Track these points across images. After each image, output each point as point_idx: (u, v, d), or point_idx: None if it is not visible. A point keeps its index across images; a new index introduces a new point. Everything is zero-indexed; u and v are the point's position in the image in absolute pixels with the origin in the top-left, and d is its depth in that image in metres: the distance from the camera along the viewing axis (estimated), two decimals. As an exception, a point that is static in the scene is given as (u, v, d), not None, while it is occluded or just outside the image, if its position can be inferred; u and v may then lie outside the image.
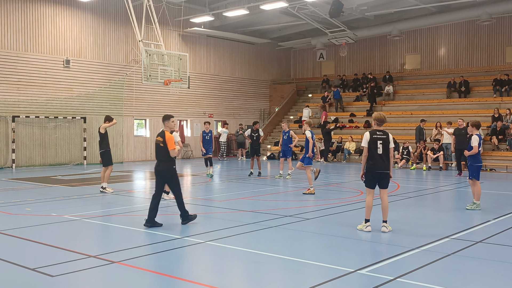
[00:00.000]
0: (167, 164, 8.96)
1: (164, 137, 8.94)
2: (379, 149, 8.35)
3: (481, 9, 26.01)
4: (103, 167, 13.52)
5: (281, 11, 26.45)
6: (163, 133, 9.01)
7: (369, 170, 8.44)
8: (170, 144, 8.87)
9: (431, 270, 6.26)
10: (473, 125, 10.95)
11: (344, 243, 7.76)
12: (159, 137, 9.04)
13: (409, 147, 22.21)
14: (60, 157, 23.45)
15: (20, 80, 22.15)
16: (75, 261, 6.68)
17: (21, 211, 10.45)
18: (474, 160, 10.77)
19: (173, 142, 8.93)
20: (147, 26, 24.57)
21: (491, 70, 28.13)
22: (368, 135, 8.42)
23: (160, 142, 8.96)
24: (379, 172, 8.40)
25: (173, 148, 8.88)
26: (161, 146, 8.94)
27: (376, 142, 8.37)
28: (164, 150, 8.90)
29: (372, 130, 8.54)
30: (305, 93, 34.96)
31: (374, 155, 8.37)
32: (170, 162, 8.97)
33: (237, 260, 6.91)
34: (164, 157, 8.95)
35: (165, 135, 8.95)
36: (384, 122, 8.63)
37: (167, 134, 8.97)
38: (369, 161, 8.42)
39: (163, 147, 8.90)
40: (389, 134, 8.55)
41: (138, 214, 10.57)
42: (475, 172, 10.77)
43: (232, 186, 15.75)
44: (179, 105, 28.59)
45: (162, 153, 8.96)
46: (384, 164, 8.39)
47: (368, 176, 8.47)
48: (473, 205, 10.72)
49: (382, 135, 8.43)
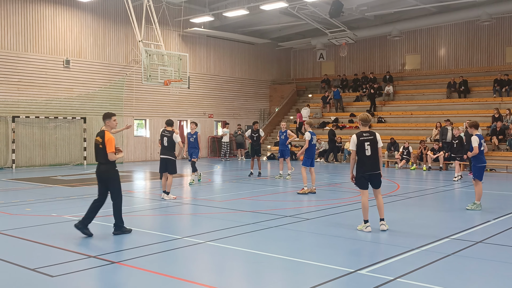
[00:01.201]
0: (107, 166, 8.14)
1: (104, 137, 8.05)
2: (367, 151, 8.34)
3: (481, 9, 26.01)
4: None
5: (281, 11, 26.46)
6: (103, 133, 8.10)
7: (358, 173, 8.45)
8: (109, 146, 7.98)
9: (431, 271, 6.26)
10: (471, 126, 10.95)
11: (344, 243, 7.76)
12: (98, 137, 8.14)
13: (409, 147, 22.20)
14: (60, 157, 23.45)
15: (20, 81, 22.16)
16: (75, 261, 6.68)
17: (21, 212, 10.45)
18: (477, 160, 10.76)
19: (113, 144, 8.03)
20: (147, 26, 24.58)
21: (491, 70, 28.13)
22: (355, 138, 8.38)
23: (99, 143, 8.09)
24: (368, 174, 8.40)
25: (112, 151, 7.99)
26: (100, 148, 8.08)
27: (364, 144, 8.35)
28: (103, 151, 8.06)
29: (359, 132, 8.48)
30: (305, 93, 34.96)
31: (363, 158, 8.36)
32: (111, 164, 8.16)
33: (237, 260, 6.91)
34: (103, 159, 8.11)
35: (105, 136, 8.05)
36: (369, 122, 8.58)
37: (107, 135, 8.07)
38: (358, 163, 8.43)
39: (102, 149, 8.04)
40: (376, 134, 8.49)
41: (138, 215, 10.58)
42: (477, 172, 10.76)
43: (232, 186, 15.76)
44: (179, 105, 28.60)
45: (101, 154, 8.12)
46: (373, 165, 8.37)
47: (359, 178, 8.48)
48: (473, 205, 10.73)
49: (369, 136, 8.40)
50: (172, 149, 12.32)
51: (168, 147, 12.25)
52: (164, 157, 12.31)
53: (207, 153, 30.35)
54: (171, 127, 12.44)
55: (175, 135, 12.24)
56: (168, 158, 12.25)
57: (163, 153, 12.34)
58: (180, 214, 10.66)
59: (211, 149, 30.58)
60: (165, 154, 12.29)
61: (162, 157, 12.36)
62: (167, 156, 12.27)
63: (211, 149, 30.59)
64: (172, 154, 12.32)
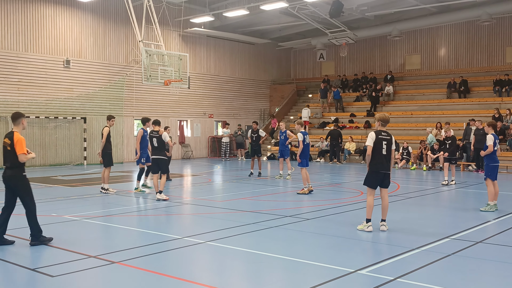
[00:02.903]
0: (14, 171, 7.48)
1: (13, 139, 7.43)
2: (383, 150, 8.39)
3: (481, 9, 26.01)
4: (104, 168, 13.64)
5: (281, 11, 26.45)
6: (12, 134, 7.48)
7: (373, 170, 8.45)
8: (19, 147, 7.38)
9: (431, 270, 6.27)
10: (489, 125, 10.99)
11: (344, 243, 7.76)
12: (7, 139, 7.50)
13: (409, 148, 22.20)
14: (60, 157, 23.45)
15: (20, 81, 22.16)
16: (75, 261, 6.68)
17: (21, 212, 10.43)
18: (490, 159, 10.75)
19: (23, 145, 7.42)
20: (147, 26, 24.57)
21: (491, 70, 28.13)
22: (374, 135, 8.42)
23: (7, 144, 7.46)
24: (383, 173, 8.44)
25: (22, 152, 7.38)
26: (8, 150, 7.47)
27: (382, 142, 8.39)
28: (11, 154, 7.43)
29: (378, 130, 8.54)
30: (305, 94, 34.96)
31: (379, 156, 8.40)
32: (18, 168, 7.50)
33: (238, 260, 6.91)
34: (11, 162, 7.47)
35: (14, 137, 7.44)
36: (388, 122, 8.64)
37: (16, 136, 7.45)
38: (373, 160, 8.43)
39: (11, 151, 7.43)
40: (392, 136, 8.63)
41: (137, 215, 10.58)
42: (490, 172, 10.71)
43: (232, 186, 15.76)
44: (179, 105, 28.59)
45: (9, 157, 7.48)
46: (387, 165, 8.46)
47: (372, 176, 8.49)
48: (486, 207, 10.60)
49: (386, 136, 8.48)
50: (163, 149, 12.37)
51: (159, 147, 12.30)
52: (156, 157, 12.38)
53: (207, 153, 30.36)
54: (158, 127, 12.47)
55: (164, 134, 12.28)
56: (160, 158, 12.33)
57: (154, 154, 12.42)
58: (180, 214, 10.66)
59: (211, 149, 30.57)
60: (156, 154, 12.37)
61: (154, 157, 12.44)
62: (158, 156, 12.34)
63: (211, 149, 30.58)
64: (163, 154, 12.39)
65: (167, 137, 12.33)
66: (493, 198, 10.62)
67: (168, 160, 12.83)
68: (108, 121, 13.57)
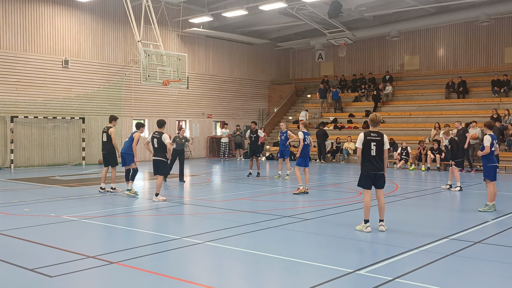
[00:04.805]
0: None
1: None
2: (372, 151, 8.40)
3: (479, 10, 26.04)
4: (105, 167, 13.78)
5: (280, 11, 26.46)
6: None
7: (363, 171, 8.50)
8: None
9: (429, 271, 6.27)
10: (486, 125, 10.93)
11: (342, 244, 7.76)
12: None
13: (407, 148, 22.22)
14: (58, 157, 23.42)
15: (18, 81, 22.13)
16: (74, 261, 6.67)
17: (20, 212, 10.43)
18: (488, 160, 10.72)
19: None
20: (146, 26, 24.56)
21: (489, 71, 28.16)
22: (363, 136, 8.45)
23: None
24: (373, 173, 8.44)
25: None
26: None
27: (370, 143, 8.41)
28: None
29: (367, 131, 8.55)
30: (304, 94, 34.96)
31: (368, 157, 8.43)
32: None
33: (236, 260, 6.91)
34: None
35: None
36: (378, 123, 8.60)
37: None
38: (363, 162, 8.49)
39: None
40: (384, 135, 8.56)
41: (137, 215, 10.58)
42: (488, 172, 10.70)
43: (231, 186, 15.76)
44: (178, 105, 28.58)
45: None
46: (377, 166, 8.42)
47: (363, 177, 8.52)
48: (485, 207, 10.60)
49: (376, 136, 8.45)
50: (163, 151, 12.33)
51: (158, 148, 12.28)
52: (155, 158, 12.40)
53: (206, 153, 30.35)
54: (160, 129, 12.45)
55: (164, 136, 12.26)
56: (159, 160, 12.32)
57: (154, 155, 12.44)
58: (179, 214, 10.66)
59: (210, 149, 30.57)
60: (156, 155, 12.38)
61: (154, 158, 12.47)
62: (157, 158, 12.35)
63: (210, 149, 30.58)
64: (162, 155, 12.36)
65: (167, 139, 12.31)
66: (491, 198, 10.62)
67: (167, 162, 12.81)
68: (113, 121, 13.74)
